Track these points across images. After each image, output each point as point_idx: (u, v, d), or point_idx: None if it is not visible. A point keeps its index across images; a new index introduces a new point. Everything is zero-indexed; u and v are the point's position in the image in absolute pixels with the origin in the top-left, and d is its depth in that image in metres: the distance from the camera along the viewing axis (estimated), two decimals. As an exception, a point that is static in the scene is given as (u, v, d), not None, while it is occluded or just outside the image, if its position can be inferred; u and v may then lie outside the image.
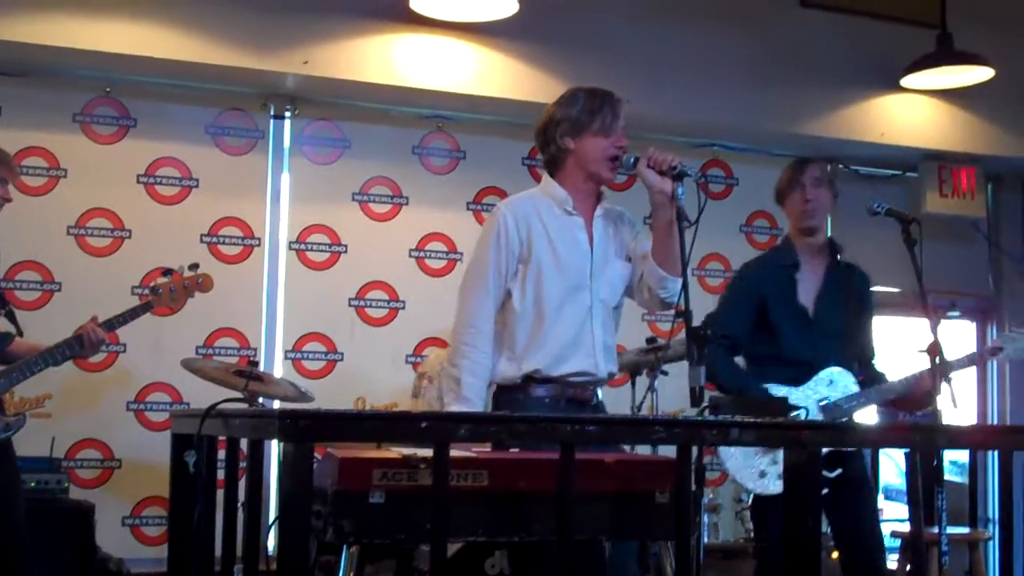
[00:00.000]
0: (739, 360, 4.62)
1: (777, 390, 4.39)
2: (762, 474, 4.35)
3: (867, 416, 4.68)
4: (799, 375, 4.45)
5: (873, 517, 4.51)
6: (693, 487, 3.18)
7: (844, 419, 4.39)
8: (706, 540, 4.48)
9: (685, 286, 3.42)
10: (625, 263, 3.86)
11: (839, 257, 4.65)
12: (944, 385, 4.14)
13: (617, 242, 3.86)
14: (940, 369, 4.21)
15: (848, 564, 4.45)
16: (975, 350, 4.64)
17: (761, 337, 4.51)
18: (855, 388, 4.48)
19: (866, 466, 4.64)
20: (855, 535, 4.43)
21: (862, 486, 4.50)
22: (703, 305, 3.48)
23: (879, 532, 4.51)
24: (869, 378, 4.56)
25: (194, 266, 4.88)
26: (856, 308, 4.58)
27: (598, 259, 3.79)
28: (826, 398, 4.44)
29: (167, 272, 4.86)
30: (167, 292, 4.78)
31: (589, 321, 3.74)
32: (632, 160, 3.73)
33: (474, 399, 3.64)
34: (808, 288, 4.54)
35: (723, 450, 4.37)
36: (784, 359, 4.48)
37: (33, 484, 5.16)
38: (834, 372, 4.46)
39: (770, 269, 4.61)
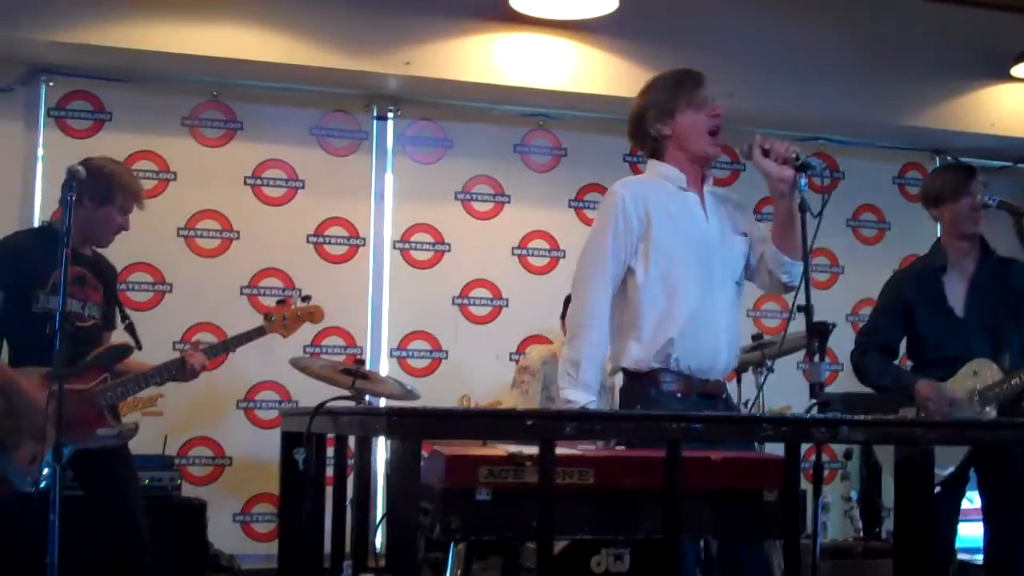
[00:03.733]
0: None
1: None
2: None
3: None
4: (949, 373, 4.47)
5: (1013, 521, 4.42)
6: (811, 485, 3.15)
7: (991, 407, 4.38)
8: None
9: (807, 279, 3.35)
10: (743, 238, 3.77)
11: (993, 253, 4.63)
12: None
13: (733, 219, 3.77)
14: None
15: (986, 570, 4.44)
16: None
17: (914, 342, 4.61)
18: (999, 376, 4.41)
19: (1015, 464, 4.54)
20: (990, 540, 4.39)
21: (1008, 489, 4.38)
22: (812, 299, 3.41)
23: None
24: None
25: (307, 297, 5.03)
26: (1014, 300, 4.55)
27: (716, 233, 3.70)
28: (973, 388, 4.41)
29: (281, 301, 5.02)
30: (279, 319, 4.93)
31: (712, 297, 3.63)
32: (747, 148, 3.66)
33: (592, 384, 3.56)
34: (956, 288, 4.56)
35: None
36: (933, 359, 4.52)
37: (147, 481, 5.26)
38: (977, 363, 4.43)
39: (917, 275, 4.67)
